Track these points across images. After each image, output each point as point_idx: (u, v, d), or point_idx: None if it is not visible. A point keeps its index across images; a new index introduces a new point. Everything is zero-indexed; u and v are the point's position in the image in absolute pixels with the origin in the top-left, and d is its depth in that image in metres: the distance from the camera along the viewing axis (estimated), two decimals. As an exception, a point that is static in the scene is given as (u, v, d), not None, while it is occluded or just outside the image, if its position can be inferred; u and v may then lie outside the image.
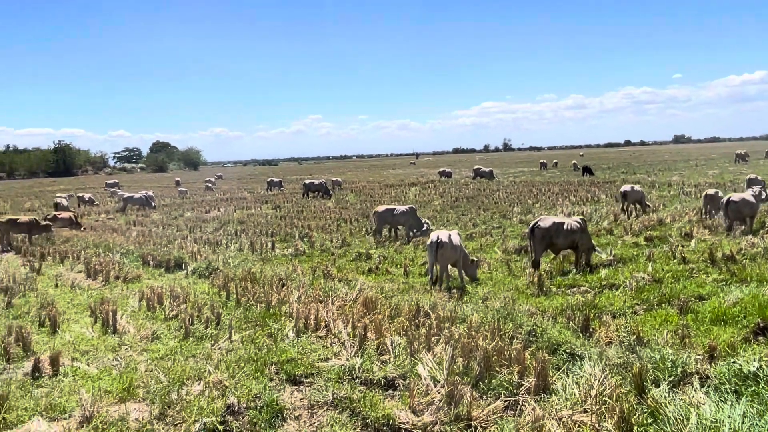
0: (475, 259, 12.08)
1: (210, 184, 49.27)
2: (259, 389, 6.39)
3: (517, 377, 6.22)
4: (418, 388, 6.11)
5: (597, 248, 12.76)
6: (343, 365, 6.97)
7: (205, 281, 12.15)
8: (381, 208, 17.62)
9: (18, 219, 18.76)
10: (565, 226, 12.13)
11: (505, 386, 6.13)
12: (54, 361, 7.31)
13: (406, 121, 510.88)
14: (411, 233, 17.19)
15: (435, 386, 6.17)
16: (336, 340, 7.93)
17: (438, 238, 11.20)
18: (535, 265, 12.05)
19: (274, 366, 7.12)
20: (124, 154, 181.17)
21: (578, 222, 12.47)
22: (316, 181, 35.93)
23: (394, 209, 17.33)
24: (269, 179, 46.06)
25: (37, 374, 7.16)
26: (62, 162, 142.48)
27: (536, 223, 12.30)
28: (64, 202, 30.58)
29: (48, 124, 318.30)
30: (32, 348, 8.11)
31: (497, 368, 6.47)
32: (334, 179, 45.35)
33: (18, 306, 10.59)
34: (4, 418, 5.91)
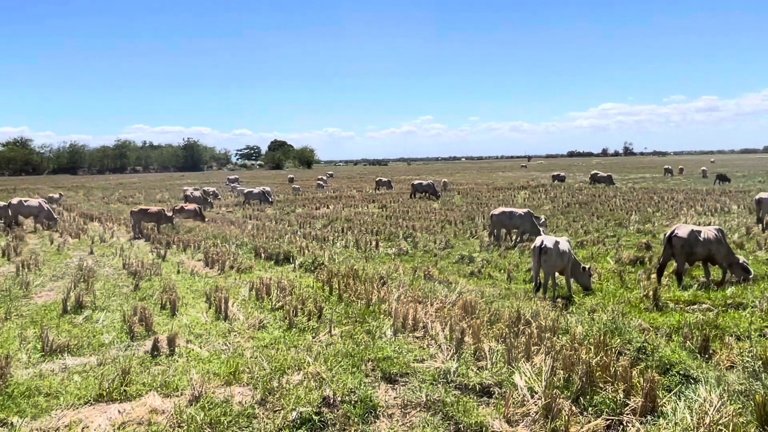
0: (587, 267, 11.48)
1: (321, 182, 51.00)
2: (355, 384, 6.50)
3: (622, 396, 5.85)
4: (514, 398, 5.93)
5: (744, 262, 11.65)
6: (438, 368, 6.92)
7: (311, 275, 12.57)
8: (497, 210, 17.25)
9: (149, 209, 20.50)
10: (701, 236, 11.27)
11: (608, 404, 5.78)
12: (171, 342, 7.90)
13: (519, 123, 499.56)
14: (521, 238, 16.74)
15: (532, 397, 5.96)
16: (433, 341, 7.89)
17: (542, 243, 10.81)
18: (679, 278, 11.36)
19: (370, 363, 7.21)
20: (245, 151, 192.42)
21: (715, 232, 11.53)
22: (424, 182, 36.01)
23: (512, 212, 16.90)
24: (378, 179, 46.83)
25: (155, 353, 7.77)
26: (190, 158, 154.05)
27: (674, 231, 11.50)
28: (197, 194, 32.64)
29: (180, 122, 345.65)
30: (153, 328, 8.81)
31: (600, 384, 6.12)
32: (442, 180, 45.27)
33: (144, 289, 11.57)
34: (125, 391, 6.47)
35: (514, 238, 17.11)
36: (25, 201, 23.40)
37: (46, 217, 22.74)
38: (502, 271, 13.01)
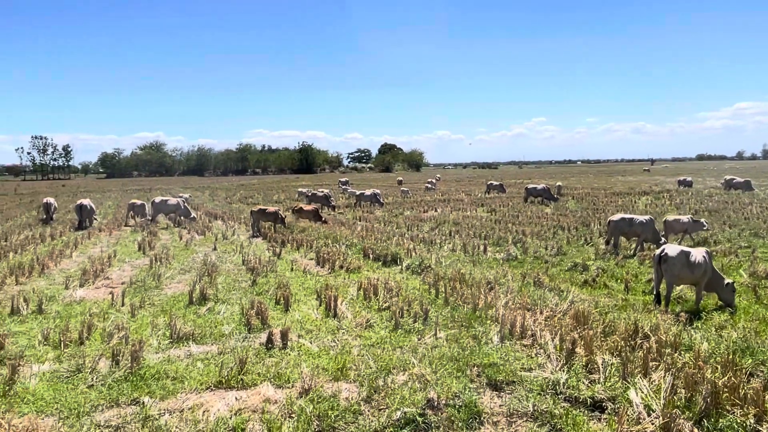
0: (731, 282, 10.33)
1: (430, 185, 51.11)
2: (459, 388, 6.46)
3: (752, 421, 5.34)
4: (629, 415, 5.60)
5: None
6: (547, 378, 6.69)
7: (417, 278, 12.64)
8: (616, 216, 16.36)
9: (267, 209, 21.64)
10: None
11: (735, 429, 5.30)
12: (284, 336, 8.28)
13: (641, 124, 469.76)
14: (642, 247, 15.77)
15: (648, 416, 5.59)
16: (541, 351, 7.65)
17: (663, 251, 10.11)
18: None
19: (475, 368, 7.13)
20: (356, 154, 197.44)
21: None
22: (539, 186, 34.89)
23: (632, 219, 15.96)
24: (489, 182, 46.01)
25: (270, 345, 8.17)
26: (305, 160, 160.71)
27: None
28: (320, 193, 33.35)
29: (296, 126, 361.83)
30: (268, 322, 9.28)
31: (728, 407, 5.62)
32: (554, 184, 43.72)
33: (260, 284, 12.21)
34: (242, 379, 6.88)
35: (634, 246, 16.14)
36: (166, 200, 25.57)
37: (183, 214, 24.73)
38: (619, 280, 12.32)
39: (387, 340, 8.41)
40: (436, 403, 6.12)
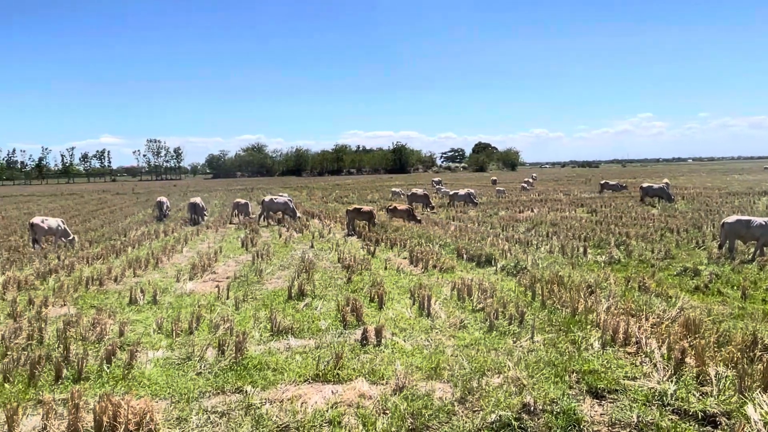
0: None
1: (526, 185, 49.86)
2: (557, 394, 6.25)
3: None
4: (747, 433, 5.17)
5: None
6: (652, 388, 6.32)
7: (512, 279, 12.37)
8: (731, 218, 15.13)
9: (361, 208, 22.03)
10: None
11: None
12: (378, 333, 8.39)
13: (762, 118, 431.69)
14: (761, 251, 14.52)
15: (770, 435, 5.13)
16: (647, 359, 7.24)
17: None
18: None
19: (574, 374, 6.87)
20: (450, 154, 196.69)
21: None
22: (655, 185, 32.83)
23: (750, 221, 14.71)
24: (604, 181, 43.12)
25: (364, 342, 8.31)
26: (398, 160, 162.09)
27: None
28: (419, 192, 33.30)
29: (390, 127, 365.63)
30: (363, 319, 9.44)
31: None
32: (662, 182, 41.20)
33: (355, 282, 12.45)
34: (338, 374, 7.04)
35: (752, 251, 14.88)
36: (275, 198, 26.73)
37: (290, 213, 25.75)
38: (735, 287, 11.40)
39: (481, 341, 8.30)
40: (532, 408, 5.96)
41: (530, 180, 57.83)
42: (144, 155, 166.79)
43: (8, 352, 8.03)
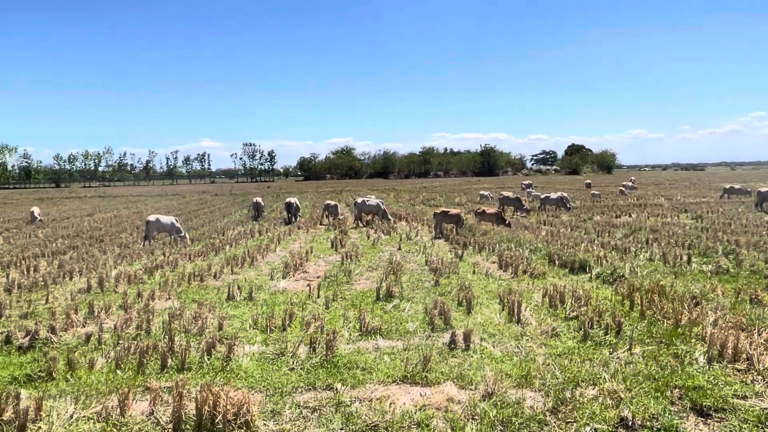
0: None
1: (625, 189, 47.55)
2: (658, 410, 5.91)
3: None
4: None
5: None
6: (765, 408, 5.83)
7: (608, 287, 11.84)
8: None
9: (449, 211, 21.91)
10: None
11: None
12: (467, 338, 8.30)
13: None
14: None
15: None
16: (759, 377, 6.69)
17: None
18: None
19: (677, 390, 6.47)
20: (541, 156, 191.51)
21: None
22: (776, 189, 30.11)
23: None
24: (729, 186, 39.77)
25: (452, 345, 8.24)
26: (487, 163, 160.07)
27: None
28: (511, 195, 32.42)
29: (478, 129, 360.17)
30: (451, 322, 9.37)
31: None
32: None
33: (443, 285, 12.38)
34: (425, 376, 7.03)
35: None
36: (367, 200, 27.23)
37: (382, 215, 26.10)
38: None
39: (575, 350, 8.00)
40: (630, 422, 5.67)
41: (629, 183, 55.00)
42: (240, 158, 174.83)
43: (120, 341, 8.67)
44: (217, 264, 15.44)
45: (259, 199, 32.38)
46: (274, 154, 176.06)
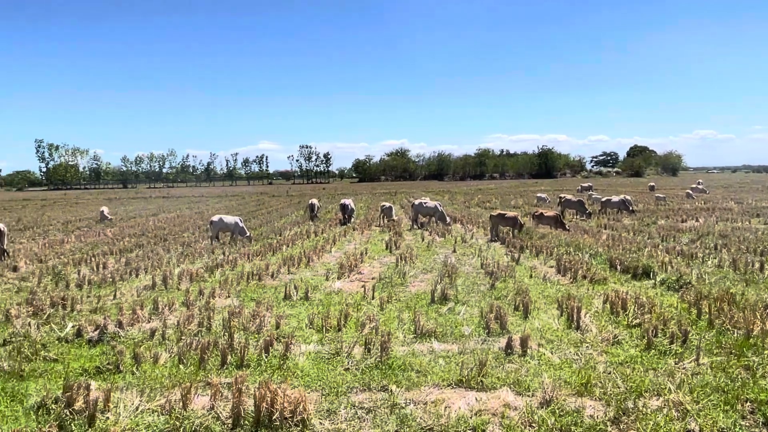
0: None
1: (691, 192, 45.59)
2: (727, 424, 5.64)
3: None
4: None
5: None
6: None
7: (674, 295, 11.37)
8: None
9: (506, 214, 21.58)
10: None
11: None
12: (523, 343, 8.14)
13: None
14: None
15: None
16: (843, 394, 6.26)
17: None
18: None
19: (749, 403, 6.14)
20: (601, 158, 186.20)
21: None
22: None
23: None
24: None
25: (509, 351, 8.11)
26: (544, 165, 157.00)
27: None
28: (573, 198, 31.30)
29: (535, 130, 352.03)
30: (507, 327, 9.22)
31: None
32: None
33: (499, 289, 12.20)
34: (481, 381, 6.94)
35: None
36: (425, 202, 27.22)
37: (439, 217, 26.00)
38: None
39: (637, 359, 7.72)
40: (698, 437, 5.42)
41: (698, 186, 52.57)
42: (297, 160, 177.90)
43: (182, 337, 8.97)
44: (274, 264, 15.75)
45: (315, 201, 32.86)
46: (329, 156, 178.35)
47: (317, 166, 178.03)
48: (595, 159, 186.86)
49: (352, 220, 28.84)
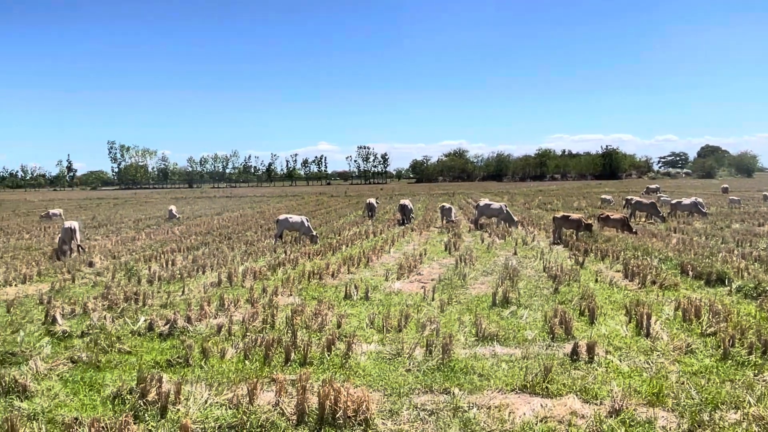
0: None
1: (768, 194, 43.04)
2: (817, 444, 5.27)
3: None
4: None
5: None
6: None
7: (751, 303, 10.77)
8: None
9: (570, 216, 21.01)
10: None
11: None
12: (590, 350, 7.90)
13: None
14: None
15: None
16: None
17: None
18: None
19: (840, 422, 5.73)
20: (670, 158, 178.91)
21: None
22: None
23: None
24: None
25: (574, 357, 7.89)
26: (608, 165, 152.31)
27: None
28: (645, 201, 29.93)
29: (599, 130, 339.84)
30: (572, 333, 8.97)
31: None
32: None
33: (563, 293, 11.89)
34: (546, 387, 6.78)
35: None
36: (490, 204, 26.95)
37: (505, 218, 25.65)
38: None
39: (713, 370, 7.36)
40: (783, 455, 5.10)
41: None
42: (355, 160, 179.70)
43: (247, 333, 9.20)
44: (334, 263, 15.94)
45: (373, 200, 33.11)
46: (387, 157, 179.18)
47: (375, 166, 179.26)
48: (662, 159, 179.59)
49: (411, 220, 28.86)
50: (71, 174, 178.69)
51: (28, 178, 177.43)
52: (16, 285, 13.85)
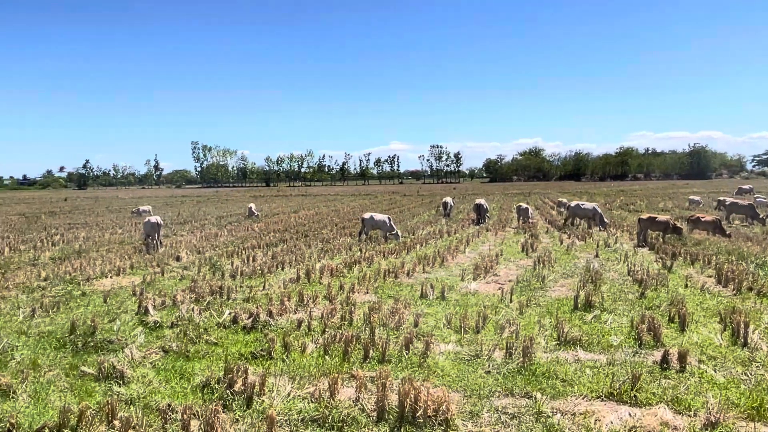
0: None
1: None
2: None
3: None
4: None
5: None
6: None
7: None
8: None
9: (657, 217, 20.02)
10: None
11: None
12: (682, 358, 7.50)
13: None
14: None
15: None
16: None
17: None
18: None
19: None
20: (764, 157, 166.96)
21: None
22: None
23: None
24: None
25: (664, 365, 7.51)
26: (696, 165, 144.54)
27: None
28: (742, 202, 27.81)
29: (686, 127, 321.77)
30: (661, 340, 8.54)
31: None
32: None
33: (650, 298, 11.35)
34: (635, 395, 6.49)
35: None
36: (582, 204, 26.21)
37: (599, 220, 24.88)
38: None
39: (822, 385, 6.80)
40: None
41: None
42: (427, 159, 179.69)
43: (326, 329, 9.37)
44: (409, 262, 15.96)
45: (449, 199, 32.95)
46: (460, 156, 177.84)
47: (447, 165, 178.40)
48: (757, 158, 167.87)
49: (486, 220, 28.47)
50: (158, 173, 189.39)
51: (119, 176, 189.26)
52: (111, 277, 14.76)
